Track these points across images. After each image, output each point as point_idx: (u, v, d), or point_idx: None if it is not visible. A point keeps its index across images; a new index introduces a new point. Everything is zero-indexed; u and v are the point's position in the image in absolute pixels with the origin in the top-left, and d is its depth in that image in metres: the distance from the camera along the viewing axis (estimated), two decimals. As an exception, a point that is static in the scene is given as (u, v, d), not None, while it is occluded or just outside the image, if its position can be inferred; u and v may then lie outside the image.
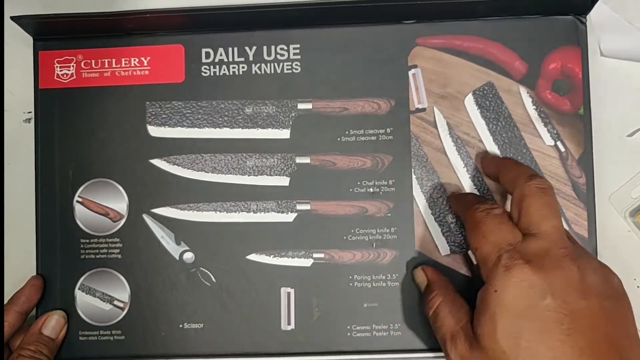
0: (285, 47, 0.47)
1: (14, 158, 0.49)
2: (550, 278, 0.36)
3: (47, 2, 0.49)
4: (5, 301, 0.45)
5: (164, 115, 0.47)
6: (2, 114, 0.48)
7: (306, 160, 0.46)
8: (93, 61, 0.47)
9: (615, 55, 0.47)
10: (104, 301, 0.46)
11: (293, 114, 0.47)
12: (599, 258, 0.45)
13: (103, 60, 0.47)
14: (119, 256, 0.47)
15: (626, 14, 0.47)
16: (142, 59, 0.47)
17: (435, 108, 0.46)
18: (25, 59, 0.48)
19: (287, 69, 0.47)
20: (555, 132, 0.46)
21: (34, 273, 0.47)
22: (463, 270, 0.45)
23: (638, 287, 0.46)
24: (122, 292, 0.46)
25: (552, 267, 0.36)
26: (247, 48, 0.47)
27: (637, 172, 0.47)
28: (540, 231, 0.38)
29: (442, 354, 0.45)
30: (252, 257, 0.46)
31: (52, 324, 0.45)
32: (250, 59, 0.47)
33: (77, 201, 0.47)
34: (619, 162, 0.47)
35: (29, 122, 0.49)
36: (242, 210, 0.46)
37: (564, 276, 0.36)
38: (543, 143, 0.46)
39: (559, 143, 0.46)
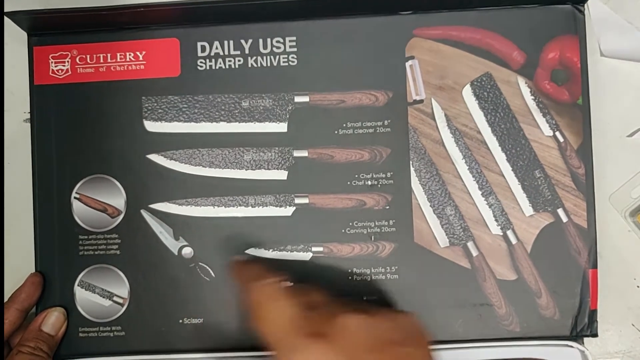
0: (282, 40, 0.47)
1: (14, 157, 0.48)
2: (336, 344, 0.35)
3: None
4: (5, 299, 0.45)
5: (160, 110, 0.47)
6: (2, 114, 0.48)
7: (304, 153, 0.46)
8: (88, 56, 0.47)
9: (615, 55, 0.46)
10: (103, 297, 0.46)
11: (290, 107, 0.46)
12: (599, 257, 0.45)
13: (98, 55, 0.47)
14: (118, 252, 0.47)
15: (626, 13, 0.47)
16: (138, 53, 0.47)
17: (433, 99, 0.46)
18: (23, 57, 0.47)
19: (284, 62, 0.47)
20: (554, 122, 0.45)
21: (33, 270, 0.47)
22: (462, 262, 0.45)
23: (638, 287, 0.46)
24: (122, 288, 0.46)
25: (335, 333, 0.36)
26: (242, 41, 0.47)
27: (637, 172, 0.47)
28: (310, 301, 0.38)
29: (443, 346, 0.45)
30: (251, 251, 0.46)
31: (52, 320, 0.45)
32: (246, 52, 0.47)
33: (75, 197, 0.47)
34: (619, 162, 0.47)
35: (29, 122, 0.48)
36: (240, 205, 0.46)
37: (349, 338, 0.36)
38: (542, 133, 0.46)
39: (557, 133, 0.45)
